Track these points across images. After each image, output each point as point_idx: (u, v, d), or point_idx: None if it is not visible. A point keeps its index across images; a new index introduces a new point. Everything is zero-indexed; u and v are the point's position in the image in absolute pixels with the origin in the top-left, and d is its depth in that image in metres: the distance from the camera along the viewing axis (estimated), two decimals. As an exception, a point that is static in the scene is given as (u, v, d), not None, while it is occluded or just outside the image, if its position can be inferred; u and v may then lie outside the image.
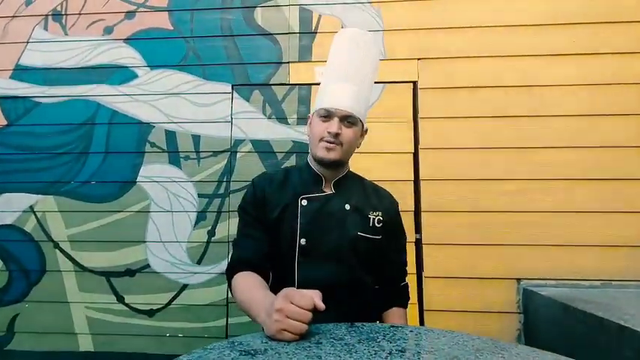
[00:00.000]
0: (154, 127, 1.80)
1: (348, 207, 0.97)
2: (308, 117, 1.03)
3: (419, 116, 1.70)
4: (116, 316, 1.73)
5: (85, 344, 1.73)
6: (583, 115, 1.64)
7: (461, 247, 1.62)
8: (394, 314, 1.03)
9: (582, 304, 1.25)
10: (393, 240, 1.04)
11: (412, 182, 1.68)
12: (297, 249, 0.93)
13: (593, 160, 1.61)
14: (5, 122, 1.85)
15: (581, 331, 1.21)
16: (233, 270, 0.91)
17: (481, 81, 1.69)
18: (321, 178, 1.00)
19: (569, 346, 1.27)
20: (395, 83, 1.74)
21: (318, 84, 1.43)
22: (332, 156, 0.93)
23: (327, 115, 0.93)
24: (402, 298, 1.07)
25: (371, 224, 0.97)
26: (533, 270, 1.59)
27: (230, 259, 0.95)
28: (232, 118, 1.78)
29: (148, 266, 1.74)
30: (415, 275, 1.63)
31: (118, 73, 1.84)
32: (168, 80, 1.82)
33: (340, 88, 0.94)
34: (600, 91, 1.64)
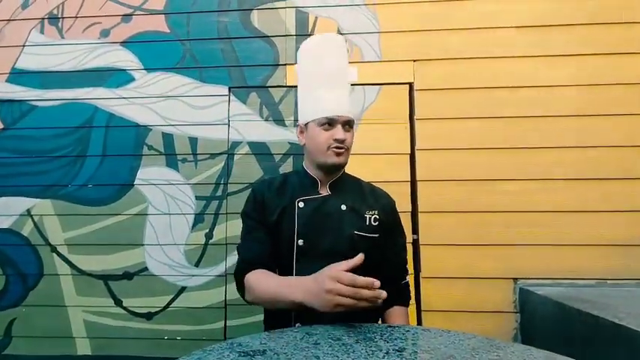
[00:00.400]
0: (151, 129, 1.80)
1: (344, 207, 0.99)
2: (298, 126, 1.04)
3: (415, 117, 1.71)
4: (114, 319, 1.73)
5: (82, 348, 1.73)
6: (579, 115, 1.65)
7: (458, 247, 1.63)
8: (395, 313, 1.03)
9: (578, 303, 1.26)
10: (391, 238, 1.05)
11: (409, 183, 1.69)
12: (295, 250, 0.95)
13: (588, 160, 1.63)
14: (2, 126, 1.85)
15: (576, 330, 1.22)
16: (243, 271, 0.94)
17: (477, 82, 1.70)
18: (317, 181, 1.03)
19: (566, 344, 1.28)
20: (391, 85, 1.75)
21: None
22: (343, 160, 0.99)
23: (330, 122, 0.96)
24: (402, 297, 1.07)
25: (367, 223, 0.99)
26: (529, 270, 1.60)
27: (237, 262, 0.98)
28: (229, 121, 1.78)
29: (145, 269, 1.74)
30: (413, 276, 1.64)
31: (114, 76, 1.84)
32: (165, 83, 1.82)
33: (333, 94, 0.96)
34: (596, 92, 1.66)
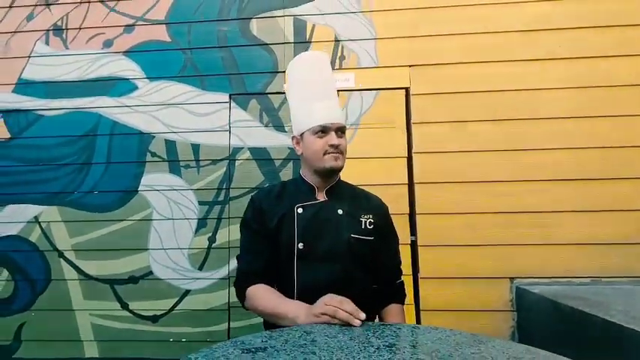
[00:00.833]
0: (155, 137, 1.85)
1: (340, 212, 1.04)
2: (294, 138, 1.10)
3: (412, 121, 1.75)
4: (121, 322, 1.78)
5: (90, 351, 1.78)
6: (571, 117, 1.69)
7: (455, 248, 1.67)
8: (392, 310, 1.10)
9: (571, 301, 1.29)
10: (385, 241, 1.10)
11: (407, 185, 1.73)
12: (295, 253, 0.99)
13: (581, 160, 1.66)
14: (9, 135, 1.90)
15: (569, 327, 1.25)
16: (243, 283, 1.01)
17: (471, 86, 1.74)
18: (314, 188, 1.08)
19: (560, 340, 1.31)
20: (388, 90, 1.79)
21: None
22: (339, 164, 1.04)
23: (324, 130, 1.02)
24: (398, 296, 1.14)
25: (363, 226, 1.04)
26: (525, 269, 1.63)
27: (237, 272, 1.04)
28: (230, 127, 1.83)
29: (150, 273, 1.78)
30: (411, 276, 1.68)
31: (118, 85, 1.89)
32: (168, 91, 1.87)
33: (324, 105, 1.04)
34: (587, 94, 1.69)
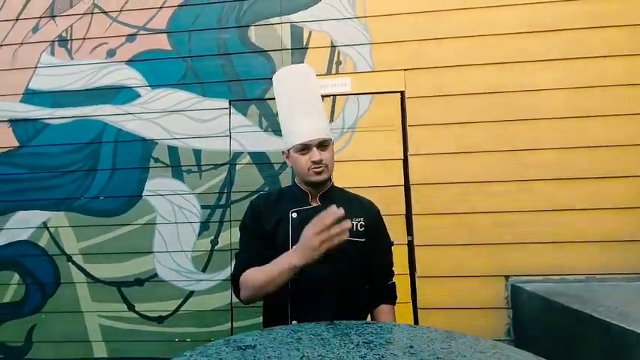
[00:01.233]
0: (157, 143, 1.91)
1: None
2: (283, 153, 1.15)
3: (407, 124, 1.79)
4: (127, 323, 1.84)
5: (99, 351, 1.84)
6: (565, 117, 1.72)
7: (451, 247, 1.71)
8: (383, 311, 1.14)
9: (562, 298, 1.33)
10: (377, 242, 1.14)
11: (403, 187, 1.77)
12: None
13: (574, 160, 1.69)
14: (17, 144, 1.97)
15: (561, 323, 1.29)
16: (237, 277, 1.04)
17: (465, 89, 1.78)
18: (308, 194, 1.13)
19: (553, 337, 1.35)
20: (383, 94, 1.83)
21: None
22: (323, 177, 1.08)
23: (305, 147, 1.06)
24: (389, 296, 1.17)
25: (354, 229, 1.08)
26: (520, 267, 1.67)
27: (233, 269, 1.08)
28: (231, 132, 1.88)
29: (155, 275, 1.84)
30: (408, 275, 1.72)
31: (121, 94, 1.95)
32: (169, 98, 1.93)
33: (306, 121, 1.07)
34: (581, 94, 1.72)
